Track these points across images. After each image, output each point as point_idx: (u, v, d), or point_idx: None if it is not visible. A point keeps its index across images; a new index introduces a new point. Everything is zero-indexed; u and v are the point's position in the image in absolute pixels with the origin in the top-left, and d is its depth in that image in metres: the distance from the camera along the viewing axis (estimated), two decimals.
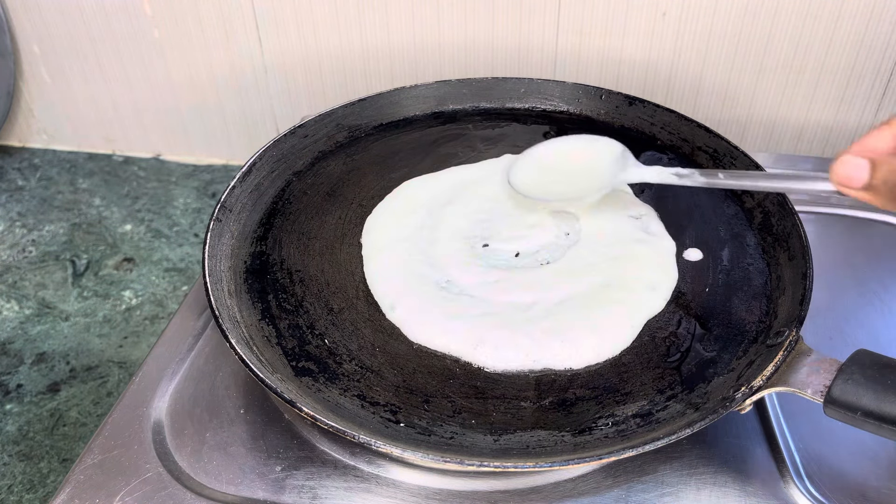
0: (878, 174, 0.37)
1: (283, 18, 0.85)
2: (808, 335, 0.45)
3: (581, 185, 0.54)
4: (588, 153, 0.56)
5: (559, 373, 0.46)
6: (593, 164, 0.55)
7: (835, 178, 0.39)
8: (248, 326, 0.48)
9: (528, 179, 0.55)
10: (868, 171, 0.37)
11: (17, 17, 0.92)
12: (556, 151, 0.57)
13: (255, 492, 0.43)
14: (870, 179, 0.37)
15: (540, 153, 0.57)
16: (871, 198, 0.37)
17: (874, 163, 0.37)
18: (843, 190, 0.38)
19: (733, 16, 0.76)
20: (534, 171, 0.56)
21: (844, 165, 0.38)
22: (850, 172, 0.38)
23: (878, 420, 0.37)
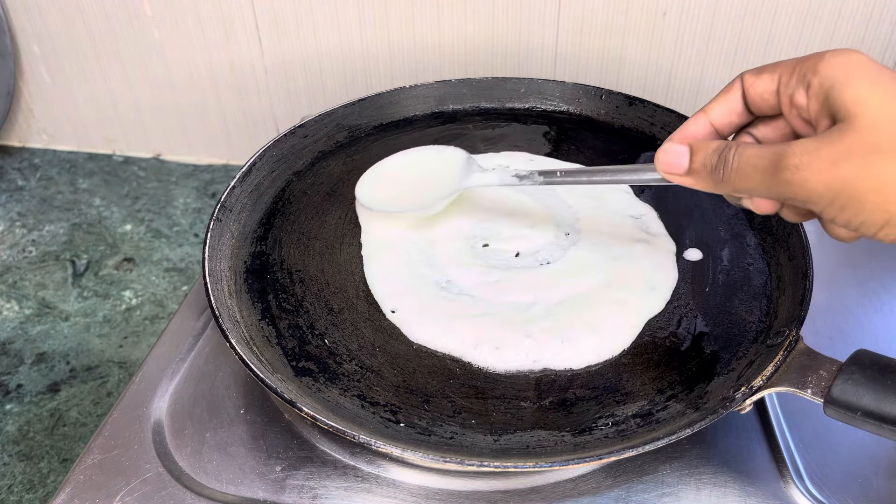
0: (696, 159, 0.38)
1: (283, 18, 0.85)
2: (808, 335, 0.45)
3: (427, 194, 0.54)
4: (432, 163, 0.56)
5: (559, 373, 0.46)
6: (438, 173, 0.55)
7: (659, 167, 0.40)
8: (248, 326, 0.48)
9: (374, 192, 0.56)
10: (688, 156, 0.38)
11: (17, 17, 0.92)
12: (400, 163, 0.57)
13: (255, 492, 0.43)
14: (690, 164, 0.38)
15: (385, 166, 0.57)
16: (694, 182, 0.39)
17: (693, 148, 0.38)
18: (668, 177, 0.40)
19: (733, 16, 0.76)
20: (379, 183, 0.56)
21: (666, 154, 0.39)
22: (671, 160, 0.39)
23: (878, 420, 0.37)
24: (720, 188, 0.38)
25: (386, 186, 0.56)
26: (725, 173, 0.36)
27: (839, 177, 0.32)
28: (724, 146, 0.37)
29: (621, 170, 0.45)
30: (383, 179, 0.57)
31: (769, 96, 0.38)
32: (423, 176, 0.56)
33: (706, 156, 0.38)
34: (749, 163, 0.35)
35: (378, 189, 0.56)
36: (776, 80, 0.37)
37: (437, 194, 0.54)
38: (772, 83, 0.37)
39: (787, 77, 0.37)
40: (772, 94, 0.38)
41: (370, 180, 0.57)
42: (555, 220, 0.56)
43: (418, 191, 0.55)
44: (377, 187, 0.56)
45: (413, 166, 0.57)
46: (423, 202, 0.54)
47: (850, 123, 0.32)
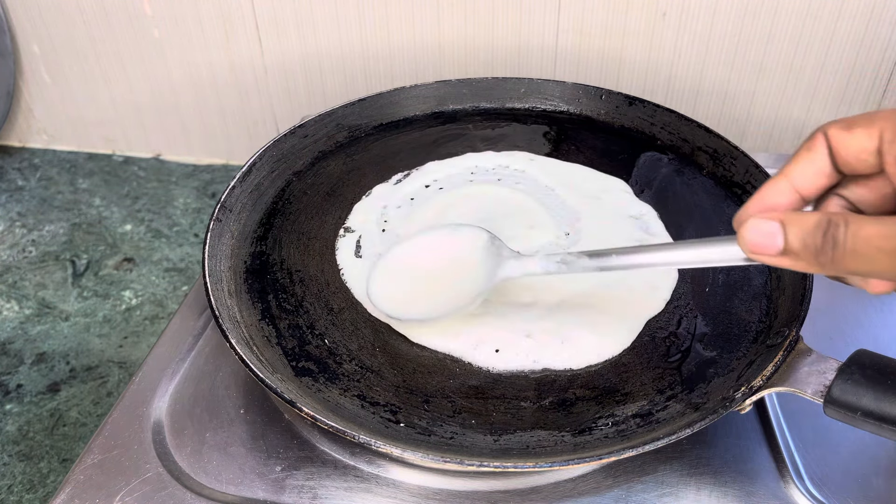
0: (793, 237, 0.31)
1: (283, 18, 0.85)
2: (808, 335, 0.45)
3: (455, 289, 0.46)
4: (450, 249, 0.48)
5: (559, 373, 0.46)
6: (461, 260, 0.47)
7: (746, 247, 0.33)
8: (248, 326, 0.48)
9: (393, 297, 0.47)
10: (781, 235, 0.32)
11: (17, 17, 0.92)
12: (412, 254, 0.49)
13: (255, 492, 0.43)
14: (785, 244, 0.31)
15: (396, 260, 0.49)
16: (791, 263, 0.32)
17: (786, 224, 0.32)
18: (756, 258, 0.33)
19: (733, 16, 0.76)
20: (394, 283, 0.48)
21: (753, 232, 0.32)
22: (760, 240, 0.32)
23: (878, 420, 0.37)
24: (826, 271, 0.31)
25: (404, 285, 0.48)
26: (836, 255, 0.30)
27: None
28: (826, 222, 0.30)
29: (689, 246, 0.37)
30: (398, 277, 0.48)
31: (867, 156, 0.32)
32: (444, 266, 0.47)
33: (805, 234, 0.31)
34: (871, 244, 0.29)
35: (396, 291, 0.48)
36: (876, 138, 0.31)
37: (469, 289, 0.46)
38: (870, 140, 0.31)
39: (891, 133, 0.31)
40: (871, 153, 0.32)
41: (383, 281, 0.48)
42: (555, 219, 0.56)
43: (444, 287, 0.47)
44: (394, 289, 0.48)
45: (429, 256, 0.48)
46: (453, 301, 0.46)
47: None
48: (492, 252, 0.46)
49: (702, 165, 0.62)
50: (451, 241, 0.48)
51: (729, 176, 0.60)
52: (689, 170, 0.62)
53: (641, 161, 0.63)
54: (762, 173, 0.57)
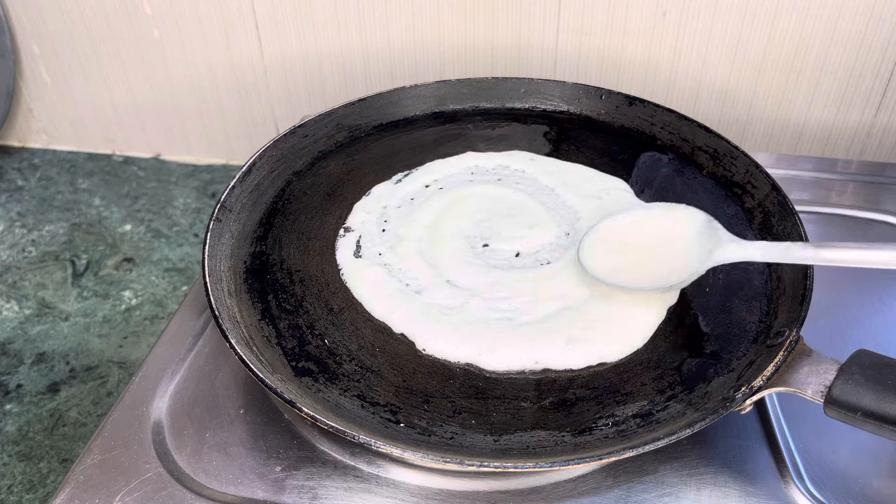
0: None
1: (283, 18, 0.85)
2: (808, 335, 0.45)
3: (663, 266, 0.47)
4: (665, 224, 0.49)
5: (559, 373, 0.46)
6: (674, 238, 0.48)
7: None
8: (248, 326, 0.48)
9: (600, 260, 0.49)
10: None
11: (17, 17, 0.92)
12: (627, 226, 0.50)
13: (255, 492, 0.43)
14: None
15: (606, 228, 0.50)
16: None
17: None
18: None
19: (733, 16, 0.76)
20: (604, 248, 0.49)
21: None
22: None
23: (878, 420, 0.37)
24: None
25: (614, 254, 0.49)
26: None
27: None
28: None
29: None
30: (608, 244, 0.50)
31: None
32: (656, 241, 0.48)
33: None
34: None
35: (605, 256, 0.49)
36: None
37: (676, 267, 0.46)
38: None
39: None
40: None
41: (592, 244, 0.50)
42: (555, 219, 0.56)
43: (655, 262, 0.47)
44: (603, 254, 0.49)
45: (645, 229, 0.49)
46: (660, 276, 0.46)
47: None
48: (707, 234, 0.47)
49: (702, 165, 0.62)
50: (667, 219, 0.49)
51: (729, 176, 0.60)
52: (689, 170, 0.62)
53: (641, 161, 0.63)
54: (762, 173, 0.57)
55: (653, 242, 0.48)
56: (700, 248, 0.46)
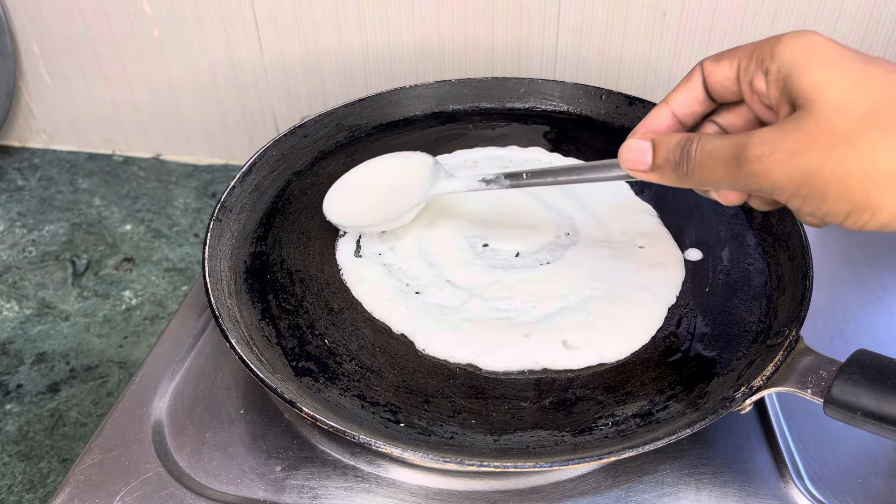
0: (660, 154, 0.37)
1: (283, 18, 0.85)
2: (808, 335, 0.45)
3: (394, 205, 0.53)
4: (399, 171, 0.55)
5: (559, 373, 0.46)
6: (406, 181, 0.54)
7: (623, 164, 0.39)
8: (248, 326, 0.48)
9: (342, 208, 0.54)
10: (650, 152, 0.37)
11: (17, 17, 0.92)
12: (366, 174, 0.56)
13: (255, 492, 0.43)
14: (653, 160, 0.37)
15: (351, 177, 0.56)
16: (658, 177, 0.38)
17: (655, 143, 0.37)
18: (633, 174, 0.39)
19: (733, 16, 0.76)
20: (345, 196, 0.55)
21: (629, 150, 0.38)
22: (634, 156, 0.38)
23: (878, 420, 0.37)
24: (685, 183, 0.37)
25: (353, 200, 0.55)
26: (689, 168, 0.35)
27: (800, 167, 0.31)
28: (685, 140, 0.36)
29: (587, 168, 0.44)
30: (349, 193, 0.55)
31: (729, 83, 0.37)
32: (389, 186, 0.54)
33: (669, 151, 0.36)
34: (711, 156, 0.34)
35: (345, 203, 0.55)
36: (735, 67, 0.36)
37: (403, 206, 0.53)
38: (731, 70, 0.36)
39: (745, 62, 0.35)
40: (732, 80, 0.37)
41: (336, 196, 0.55)
42: (555, 219, 0.56)
43: (384, 203, 0.54)
44: (344, 202, 0.55)
45: (379, 177, 0.55)
46: (387, 215, 0.53)
47: (809, 111, 0.32)
48: (432, 174, 0.53)
49: None
50: (400, 164, 0.55)
51: None
52: None
53: None
54: None
55: (390, 186, 0.55)
56: (425, 187, 0.53)
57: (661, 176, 0.38)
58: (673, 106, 0.39)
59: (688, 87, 0.39)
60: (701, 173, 0.35)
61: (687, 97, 0.39)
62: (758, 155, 0.32)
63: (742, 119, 0.38)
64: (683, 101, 0.39)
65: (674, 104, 0.39)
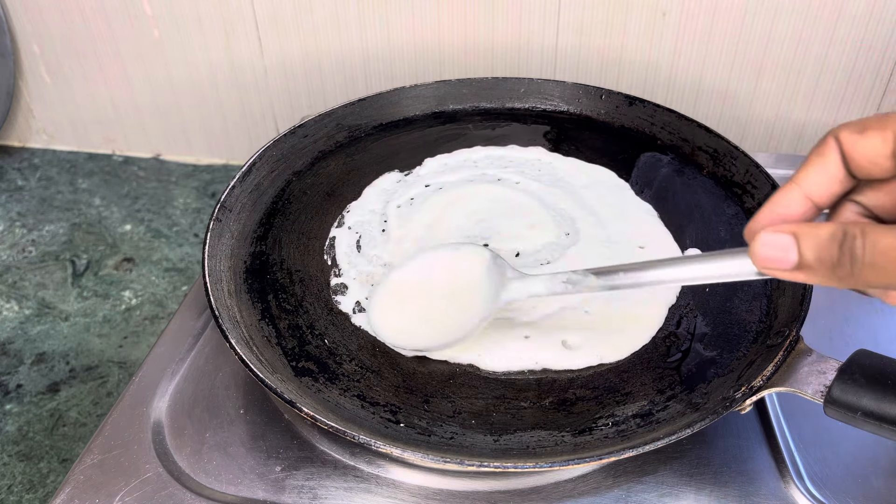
0: (807, 250, 0.30)
1: (283, 18, 0.85)
2: (808, 335, 0.45)
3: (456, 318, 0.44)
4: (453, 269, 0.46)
5: (559, 373, 0.46)
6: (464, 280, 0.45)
7: (759, 263, 0.32)
8: (248, 326, 0.48)
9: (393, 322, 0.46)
10: (795, 249, 0.30)
11: (17, 17, 0.92)
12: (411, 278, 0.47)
13: (255, 492, 0.43)
14: (800, 259, 0.30)
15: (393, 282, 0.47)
16: (807, 278, 0.31)
17: (799, 236, 0.30)
18: (770, 274, 0.32)
19: (733, 16, 0.76)
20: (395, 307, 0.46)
21: (767, 247, 0.31)
22: (773, 254, 0.31)
23: (878, 420, 0.37)
24: (845, 284, 0.30)
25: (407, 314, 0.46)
26: (855, 269, 0.29)
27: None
28: (842, 234, 0.29)
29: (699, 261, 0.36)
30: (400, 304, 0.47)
31: (882, 160, 0.30)
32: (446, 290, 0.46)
33: (821, 247, 0.30)
34: (889, 256, 0.28)
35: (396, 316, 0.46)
36: (891, 141, 0.30)
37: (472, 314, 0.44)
38: (885, 145, 0.30)
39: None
40: (886, 157, 0.30)
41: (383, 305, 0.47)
42: (555, 219, 0.56)
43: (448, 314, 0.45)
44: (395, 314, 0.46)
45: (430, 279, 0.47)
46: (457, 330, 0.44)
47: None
48: (495, 273, 0.45)
49: (702, 165, 0.62)
50: (454, 262, 0.46)
51: (729, 176, 0.60)
52: (689, 170, 0.62)
53: (641, 161, 0.63)
54: (762, 173, 0.57)
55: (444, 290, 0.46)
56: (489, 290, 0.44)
57: (809, 276, 0.31)
58: (806, 187, 0.32)
59: (823, 163, 0.32)
60: (874, 275, 0.29)
61: (823, 177, 0.32)
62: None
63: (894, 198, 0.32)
64: (819, 182, 0.32)
65: (807, 185, 0.32)
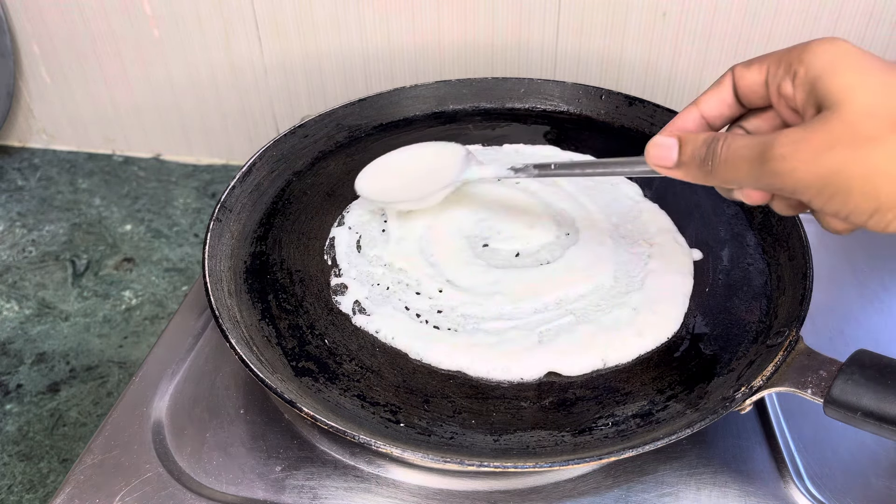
0: (686, 151, 0.38)
1: (283, 18, 0.85)
2: (808, 335, 0.45)
3: (425, 186, 0.55)
4: (432, 158, 0.57)
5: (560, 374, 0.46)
6: (438, 167, 0.56)
7: (649, 160, 0.40)
8: (248, 326, 0.48)
9: (373, 184, 0.56)
10: (677, 149, 0.39)
11: (17, 17, 0.92)
12: (401, 158, 0.58)
13: (255, 492, 0.43)
14: (679, 157, 0.38)
15: (386, 160, 0.58)
16: (683, 174, 0.39)
17: (682, 140, 0.38)
18: (658, 169, 0.40)
19: (733, 16, 0.76)
20: (379, 176, 0.57)
21: (656, 147, 0.39)
22: (660, 152, 0.39)
23: (878, 420, 0.37)
24: (709, 180, 0.38)
25: (385, 180, 0.57)
26: (714, 164, 0.36)
27: (826, 166, 0.32)
28: (712, 138, 0.37)
29: (613, 163, 0.45)
30: (384, 173, 0.57)
31: (758, 88, 0.38)
32: (422, 170, 0.57)
33: (695, 148, 0.38)
34: (737, 153, 0.35)
35: (377, 182, 0.57)
36: (765, 71, 0.37)
37: (435, 187, 0.54)
38: (760, 74, 0.38)
39: (774, 68, 0.37)
40: (760, 85, 0.38)
41: (370, 174, 0.57)
42: (555, 219, 0.56)
43: (417, 184, 0.56)
44: (377, 180, 0.57)
45: (413, 161, 0.57)
46: (419, 194, 0.55)
47: (837, 112, 0.33)
48: (463, 162, 0.55)
49: None
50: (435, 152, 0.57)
51: None
52: None
53: None
54: None
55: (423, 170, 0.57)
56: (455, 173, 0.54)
57: (685, 172, 0.39)
58: (702, 108, 0.40)
59: (718, 90, 0.40)
60: (725, 171, 0.36)
61: (716, 100, 0.40)
62: (783, 153, 0.33)
63: (768, 124, 0.39)
64: (713, 104, 0.40)
65: (703, 106, 0.40)
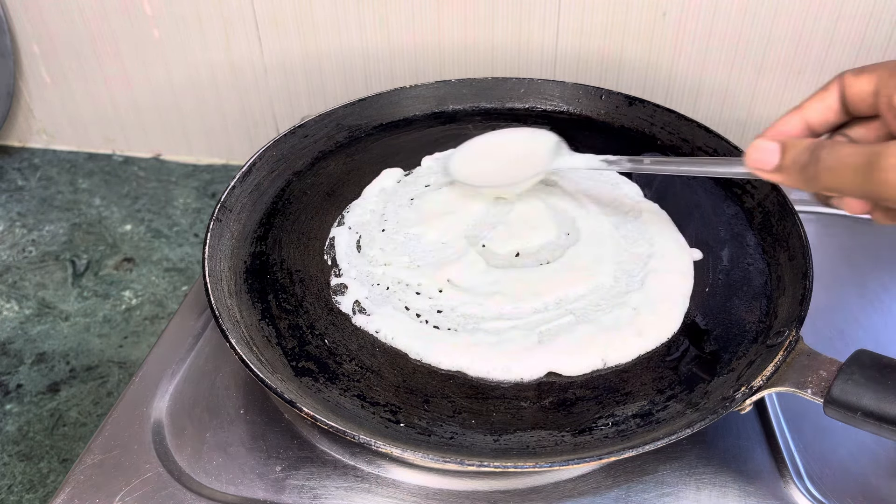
0: (787, 156, 0.38)
1: (283, 18, 0.85)
2: (808, 335, 0.45)
3: (515, 172, 0.56)
4: (524, 143, 0.58)
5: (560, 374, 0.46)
6: (529, 153, 0.57)
7: (749, 163, 0.40)
8: (248, 326, 0.48)
9: (466, 168, 0.58)
10: (779, 153, 0.38)
11: (17, 17, 0.92)
12: (494, 141, 0.59)
13: (255, 492, 0.43)
14: (780, 161, 0.38)
15: (478, 143, 0.59)
16: (783, 178, 0.39)
17: (784, 145, 0.38)
18: (757, 173, 0.40)
19: (733, 16, 0.76)
20: (471, 159, 0.58)
21: (757, 150, 0.39)
22: (761, 156, 0.39)
23: (878, 420, 0.37)
24: (810, 186, 0.37)
25: (478, 163, 0.58)
26: (816, 171, 0.36)
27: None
28: (816, 144, 0.36)
29: (710, 161, 0.46)
30: (476, 156, 0.59)
31: (867, 97, 0.38)
32: (514, 155, 0.58)
33: (798, 153, 0.37)
34: (842, 161, 0.34)
35: (470, 165, 0.58)
36: (875, 81, 0.37)
37: (526, 173, 0.55)
38: (871, 84, 0.37)
39: (886, 77, 0.36)
40: (870, 94, 0.37)
41: (463, 156, 0.59)
42: (555, 219, 0.56)
43: (508, 169, 0.57)
44: (470, 163, 0.58)
45: (505, 145, 0.59)
46: (511, 179, 0.56)
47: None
48: (554, 150, 0.56)
49: None
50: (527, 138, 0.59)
51: None
52: None
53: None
54: None
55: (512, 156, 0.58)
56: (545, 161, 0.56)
57: (786, 177, 0.38)
58: (806, 113, 0.40)
59: (824, 96, 0.39)
60: (829, 178, 0.35)
61: (822, 106, 0.40)
62: (893, 164, 0.32)
63: (874, 133, 0.39)
64: (818, 110, 0.40)
65: (807, 112, 0.40)
